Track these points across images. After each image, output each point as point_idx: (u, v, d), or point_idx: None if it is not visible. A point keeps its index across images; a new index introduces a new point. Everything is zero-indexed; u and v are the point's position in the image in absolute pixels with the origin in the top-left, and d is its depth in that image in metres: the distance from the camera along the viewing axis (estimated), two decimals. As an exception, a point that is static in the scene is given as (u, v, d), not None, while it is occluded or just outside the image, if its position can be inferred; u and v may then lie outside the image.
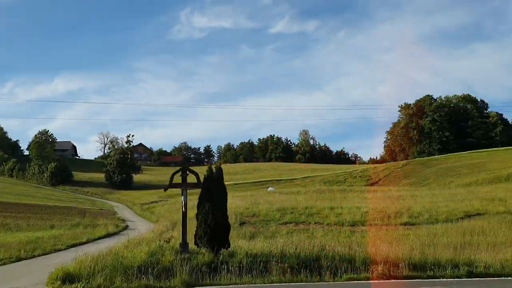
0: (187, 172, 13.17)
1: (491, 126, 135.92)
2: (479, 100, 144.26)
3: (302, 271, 11.83)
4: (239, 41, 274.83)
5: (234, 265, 11.70)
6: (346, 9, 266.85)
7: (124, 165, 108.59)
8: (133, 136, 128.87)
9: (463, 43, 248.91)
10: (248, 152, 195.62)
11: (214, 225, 12.08)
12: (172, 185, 13.54)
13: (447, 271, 11.51)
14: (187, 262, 11.57)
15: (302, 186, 72.28)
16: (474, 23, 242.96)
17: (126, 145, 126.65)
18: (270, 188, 65.18)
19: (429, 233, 19.50)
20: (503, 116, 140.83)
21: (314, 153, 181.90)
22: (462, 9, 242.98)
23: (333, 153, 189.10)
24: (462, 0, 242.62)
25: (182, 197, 13.24)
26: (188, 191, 13.20)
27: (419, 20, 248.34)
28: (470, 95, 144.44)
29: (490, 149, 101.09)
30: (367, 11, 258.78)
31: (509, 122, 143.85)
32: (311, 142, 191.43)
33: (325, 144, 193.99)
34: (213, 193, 12.39)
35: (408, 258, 12.17)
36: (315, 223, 26.19)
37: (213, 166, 13.14)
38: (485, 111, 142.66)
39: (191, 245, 13.20)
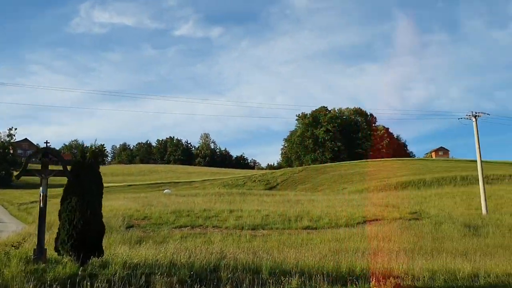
0: (50, 156, 10.11)
1: (379, 139, 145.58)
2: (368, 114, 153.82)
3: (195, 286, 9.16)
4: (142, 40, 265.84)
5: (104, 280, 8.79)
6: (250, 19, 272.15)
7: (4, 161, 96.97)
8: (16, 129, 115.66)
9: (355, 62, 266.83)
10: (145, 153, 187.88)
11: (83, 226, 9.11)
12: (26, 171, 10.36)
13: (371, 284, 9.88)
14: (34, 276, 8.44)
15: (201, 189, 69.95)
16: (365, 44, 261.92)
17: (8, 139, 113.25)
18: (166, 190, 61.86)
19: (334, 238, 18.37)
20: (389, 130, 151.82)
21: (214, 157, 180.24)
22: (355, 30, 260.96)
23: (233, 158, 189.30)
24: (355, 22, 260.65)
25: (41, 187, 10.09)
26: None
27: (317, 36, 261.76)
28: (361, 109, 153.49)
29: (380, 159, 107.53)
30: (269, 23, 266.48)
31: (394, 136, 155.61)
32: (212, 146, 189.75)
33: (225, 149, 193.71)
34: (84, 184, 9.45)
35: (322, 267, 10.43)
36: (213, 226, 24.01)
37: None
38: (373, 125, 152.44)
39: (52, 252, 10.10)
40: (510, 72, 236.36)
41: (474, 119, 32.93)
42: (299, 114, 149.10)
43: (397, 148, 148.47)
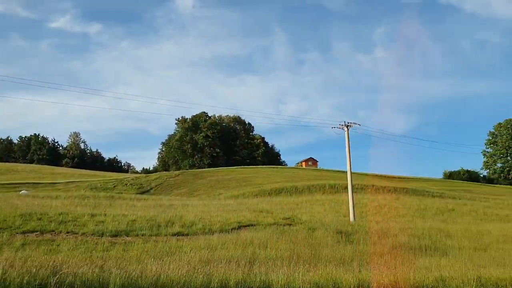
0: None
1: (255, 147, 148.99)
2: (247, 122, 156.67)
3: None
4: (10, 29, 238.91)
5: None
6: (132, 20, 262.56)
7: None
8: None
9: (236, 72, 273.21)
10: (5, 151, 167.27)
11: None
12: None
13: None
14: None
15: (65, 191, 63.30)
16: (246, 56, 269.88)
17: None
18: (23, 191, 54.73)
19: (206, 245, 16.63)
20: (265, 139, 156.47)
21: (84, 158, 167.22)
22: (237, 41, 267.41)
23: (105, 160, 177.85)
24: (238, 33, 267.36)
25: None
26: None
27: (201, 44, 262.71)
28: (240, 117, 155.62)
29: (255, 166, 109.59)
30: (153, 25, 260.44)
31: (270, 145, 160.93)
32: (82, 146, 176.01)
33: (97, 150, 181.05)
34: None
35: (188, 282, 8.52)
36: (68, 232, 20.67)
37: None
38: (251, 133, 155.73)
39: None
40: (370, 94, 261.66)
41: (346, 129, 34.17)
42: (178, 118, 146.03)
43: (272, 157, 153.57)
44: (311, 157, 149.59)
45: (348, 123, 34.45)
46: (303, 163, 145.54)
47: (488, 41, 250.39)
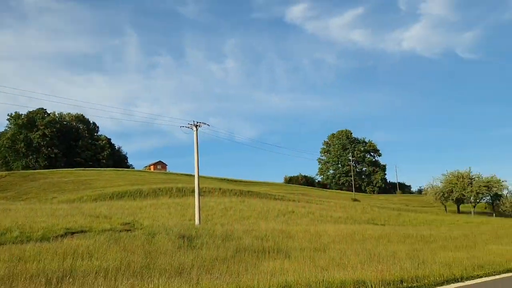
0: None
1: (100, 149, 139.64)
2: (91, 122, 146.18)
3: None
4: None
5: None
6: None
7: None
8: None
9: (83, 71, 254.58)
10: None
11: None
12: None
13: None
14: None
15: None
16: (95, 55, 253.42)
17: None
18: None
19: (12, 257, 13.36)
20: (111, 140, 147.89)
21: None
22: (85, 39, 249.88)
23: None
24: (87, 31, 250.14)
25: None
26: None
27: (44, 38, 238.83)
28: (84, 116, 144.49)
29: (99, 168, 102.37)
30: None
31: (116, 147, 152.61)
32: None
33: None
34: None
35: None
36: None
37: None
38: (95, 134, 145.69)
39: None
40: (221, 102, 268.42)
41: (195, 128, 33.07)
42: (11, 114, 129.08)
43: (118, 160, 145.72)
44: (160, 161, 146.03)
45: (197, 122, 33.41)
46: (152, 166, 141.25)
47: (325, 61, 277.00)
